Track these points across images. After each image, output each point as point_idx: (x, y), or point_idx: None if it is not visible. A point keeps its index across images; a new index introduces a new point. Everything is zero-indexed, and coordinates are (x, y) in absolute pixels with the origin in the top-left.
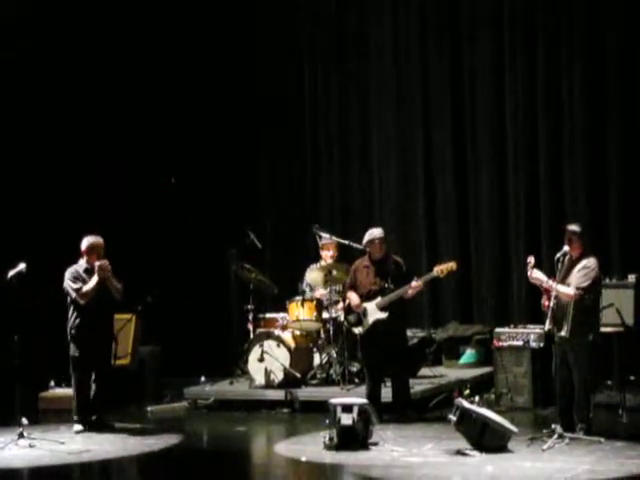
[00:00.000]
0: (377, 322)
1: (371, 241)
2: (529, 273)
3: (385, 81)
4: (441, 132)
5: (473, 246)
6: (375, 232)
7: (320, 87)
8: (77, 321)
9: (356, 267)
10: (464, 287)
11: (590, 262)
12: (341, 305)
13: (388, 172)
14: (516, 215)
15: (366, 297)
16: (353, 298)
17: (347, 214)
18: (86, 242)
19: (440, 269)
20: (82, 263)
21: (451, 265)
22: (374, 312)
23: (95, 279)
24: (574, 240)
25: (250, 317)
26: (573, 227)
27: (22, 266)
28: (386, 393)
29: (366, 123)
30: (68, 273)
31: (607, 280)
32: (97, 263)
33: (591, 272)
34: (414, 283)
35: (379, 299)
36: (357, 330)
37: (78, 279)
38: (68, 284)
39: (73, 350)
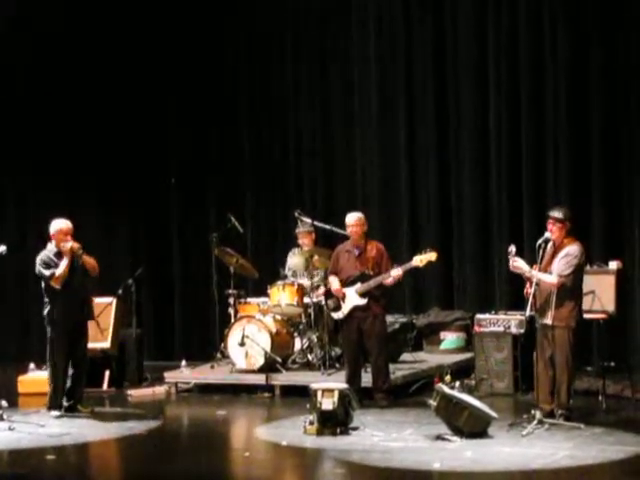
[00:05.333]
0: (356, 308)
1: (347, 226)
2: (510, 262)
3: (368, 66)
4: (423, 116)
5: (455, 232)
6: (350, 218)
7: (304, 73)
8: (52, 305)
9: (338, 252)
10: (446, 273)
11: (573, 249)
12: (322, 290)
13: (371, 157)
14: (498, 201)
15: (346, 282)
16: (333, 283)
17: (330, 198)
18: (55, 226)
19: (420, 259)
20: (51, 247)
21: (431, 255)
22: (353, 298)
23: (65, 261)
24: (556, 226)
25: (231, 301)
26: (555, 213)
27: (2, 248)
28: (367, 378)
29: (350, 107)
30: (39, 259)
31: (588, 267)
32: (69, 244)
33: (574, 260)
34: (394, 272)
35: (359, 285)
36: (336, 315)
37: (50, 264)
38: (40, 271)
39: (50, 335)
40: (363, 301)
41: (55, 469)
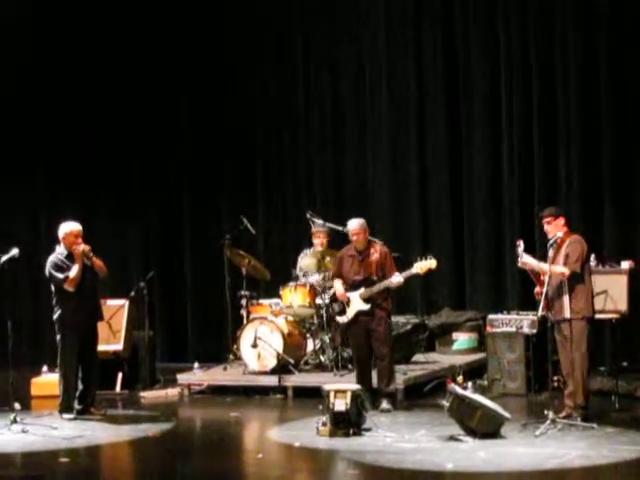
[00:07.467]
0: (360, 313)
1: (351, 234)
2: (519, 258)
3: (377, 65)
4: (435, 112)
5: (466, 231)
6: (352, 225)
7: (313, 74)
8: (63, 308)
9: (341, 256)
10: (457, 273)
11: (573, 238)
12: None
13: (382, 158)
14: (510, 201)
15: (351, 286)
16: (338, 287)
17: (341, 198)
18: (64, 228)
19: (420, 267)
20: (61, 250)
21: (431, 263)
22: (357, 303)
23: (78, 264)
24: (552, 224)
25: (244, 303)
26: (546, 211)
27: (15, 251)
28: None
29: (360, 108)
30: (50, 263)
31: (600, 267)
32: (80, 247)
33: (578, 245)
34: (394, 279)
35: (362, 290)
36: (341, 319)
37: (62, 267)
38: (52, 274)
39: (61, 337)
40: (367, 306)
41: (68, 471)
